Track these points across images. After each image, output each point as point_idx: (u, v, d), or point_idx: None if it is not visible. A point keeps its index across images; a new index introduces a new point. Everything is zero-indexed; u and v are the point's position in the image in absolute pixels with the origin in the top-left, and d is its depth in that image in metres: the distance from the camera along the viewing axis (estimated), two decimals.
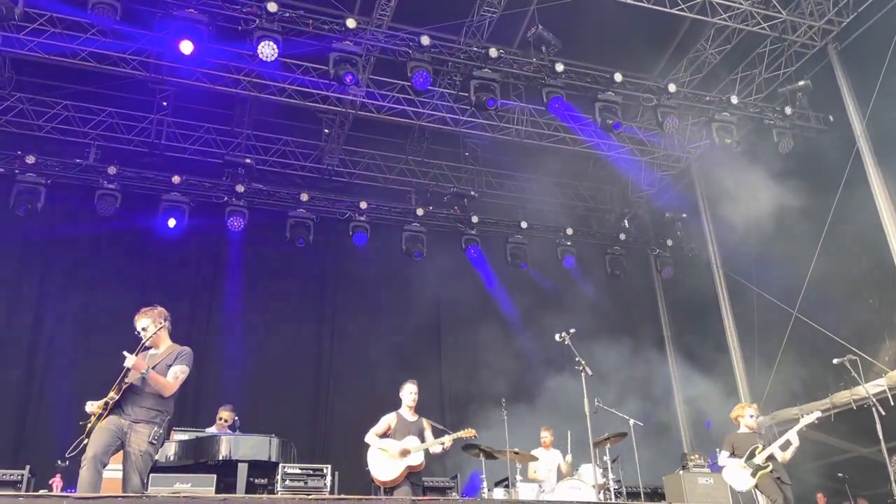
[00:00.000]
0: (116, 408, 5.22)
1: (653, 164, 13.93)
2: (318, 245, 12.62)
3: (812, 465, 10.42)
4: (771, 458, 7.39)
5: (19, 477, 7.95)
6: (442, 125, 12.10)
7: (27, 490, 7.76)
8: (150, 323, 5.47)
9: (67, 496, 4.50)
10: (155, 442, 5.21)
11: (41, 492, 7.32)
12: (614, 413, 8.84)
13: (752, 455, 7.44)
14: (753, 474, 7.35)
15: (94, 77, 11.11)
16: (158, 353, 5.56)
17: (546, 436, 10.01)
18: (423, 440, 7.28)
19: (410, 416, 7.42)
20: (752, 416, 7.82)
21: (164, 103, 12.10)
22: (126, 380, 5.26)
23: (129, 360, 5.23)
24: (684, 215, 13.98)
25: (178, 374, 5.41)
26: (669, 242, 14.32)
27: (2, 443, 10.25)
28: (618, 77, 10.90)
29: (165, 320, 5.54)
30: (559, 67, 10.55)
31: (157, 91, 11.87)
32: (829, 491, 10.33)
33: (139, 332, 5.46)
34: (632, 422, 8.81)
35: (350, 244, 12.74)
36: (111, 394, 5.20)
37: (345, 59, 9.75)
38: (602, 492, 8.33)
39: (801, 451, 7.47)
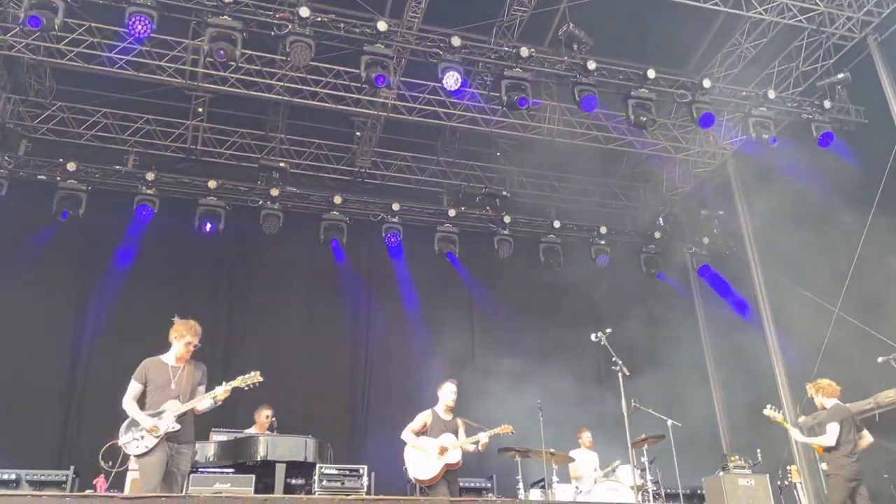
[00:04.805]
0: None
1: (688, 160, 13.75)
2: (351, 246, 12.72)
3: None
4: None
5: (64, 477, 8.17)
6: (473, 126, 12.09)
7: (71, 490, 7.95)
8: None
9: (114, 496, 4.60)
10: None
11: (87, 492, 7.48)
12: (652, 413, 8.76)
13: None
14: None
15: (132, 85, 11.36)
16: (187, 369, 5.68)
17: (587, 436, 9.99)
18: (457, 438, 7.32)
19: (446, 415, 7.45)
20: None
21: (200, 109, 12.30)
22: (198, 408, 5.57)
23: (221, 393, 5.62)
24: (721, 212, 13.75)
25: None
26: (706, 240, 14.10)
27: (46, 444, 10.50)
28: (651, 73, 10.77)
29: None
30: (591, 65, 10.45)
31: (193, 97, 12.08)
32: (873, 492, 10.06)
33: (193, 347, 5.73)
34: (670, 422, 8.73)
35: (384, 246, 12.80)
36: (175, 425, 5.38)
37: (376, 61, 9.79)
38: (640, 493, 8.25)
39: None
